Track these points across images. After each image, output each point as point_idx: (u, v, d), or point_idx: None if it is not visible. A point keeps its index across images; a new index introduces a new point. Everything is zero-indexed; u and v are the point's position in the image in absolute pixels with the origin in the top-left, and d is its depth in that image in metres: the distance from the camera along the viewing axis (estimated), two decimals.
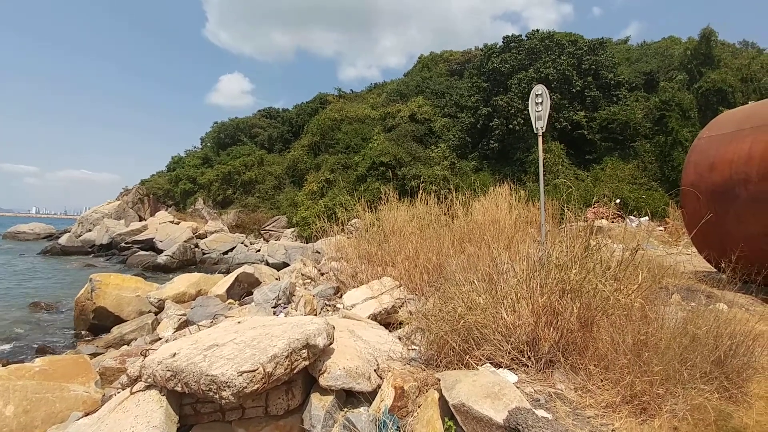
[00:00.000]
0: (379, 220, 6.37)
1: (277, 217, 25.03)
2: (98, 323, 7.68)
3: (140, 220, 27.86)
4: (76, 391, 4.09)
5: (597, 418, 2.06)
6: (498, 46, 25.21)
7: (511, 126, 21.19)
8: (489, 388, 2.09)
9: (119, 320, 7.57)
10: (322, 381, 2.50)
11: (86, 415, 3.35)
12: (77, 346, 6.94)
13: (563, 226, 3.62)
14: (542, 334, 2.57)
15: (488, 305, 2.70)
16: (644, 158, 20.43)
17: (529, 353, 2.57)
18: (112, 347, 6.33)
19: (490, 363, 2.56)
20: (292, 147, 30.90)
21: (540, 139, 5.46)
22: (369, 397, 2.54)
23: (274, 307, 5.17)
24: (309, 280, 6.87)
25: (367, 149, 23.98)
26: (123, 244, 22.59)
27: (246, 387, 2.17)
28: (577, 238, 3.00)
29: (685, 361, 2.19)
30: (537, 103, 5.38)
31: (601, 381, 2.28)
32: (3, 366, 4.68)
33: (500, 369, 2.50)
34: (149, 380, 2.57)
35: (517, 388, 2.23)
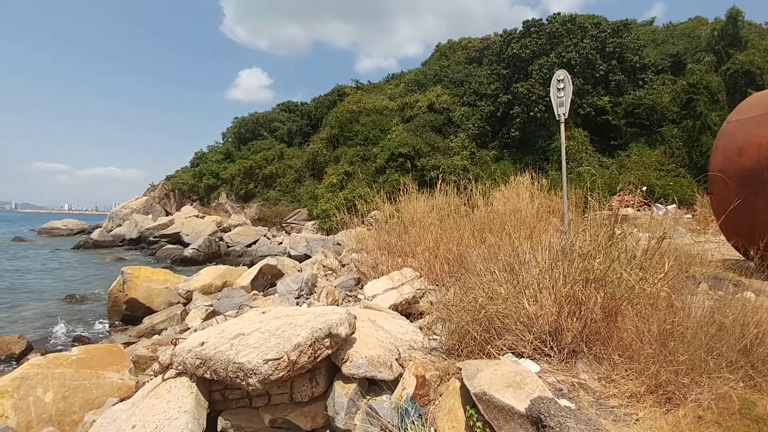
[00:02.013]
0: (399, 212, 6.37)
1: (298, 210, 25.36)
2: (130, 314, 8.02)
3: (167, 215, 28.75)
4: (111, 379, 4.27)
5: (621, 407, 2.04)
6: (518, 32, 24.53)
7: (532, 113, 20.68)
8: (511, 378, 2.08)
9: (150, 311, 7.89)
10: (345, 369, 2.54)
11: (121, 400, 3.51)
12: (111, 336, 7.28)
13: (587, 215, 3.54)
14: (565, 324, 2.55)
15: (509, 295, 2.69)
16: (671, 144, 19.64)
17: (551, 343, 2.55)
18: (144, 336, 6.60)
19: (511, 353, 2.56)
20: (311, 140, 31.14)
21: (562, 126, 5.33)
22: (391, 385, 2.57)
23: (297, 298, 5.28)
24: (330, 272, 6.97)
25: (386, 140, 23.91)
26: (151, 238, 23.42)
27: (271, 374, 2.24)
28: (602, 226, 2.94)
29: (711, 350, 2.15)
30: (559, 89, 5.24)
31: (626, 371, 2.25)
32: (42, 355, 4.93)
33: (522, 359, 2.49)
34: (180, 367, 2.67)
35: (540, 378, 2.21)
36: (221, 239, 21.52)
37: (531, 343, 2.53)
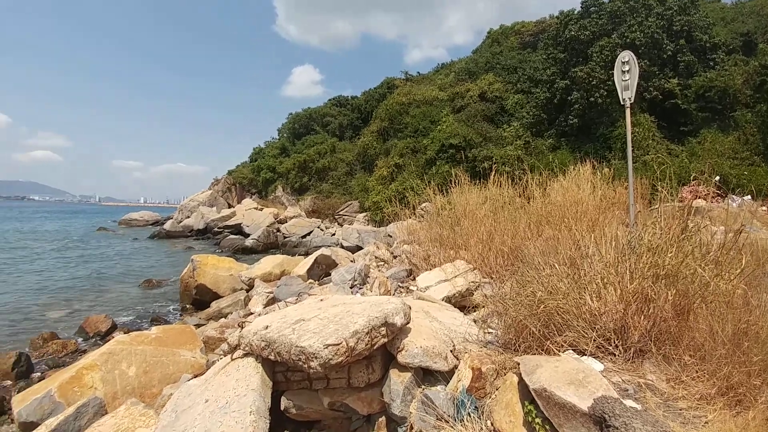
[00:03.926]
0: (450, 203, 6.31)
1: (349, 202, 25.88)
2: (199, 298, 8.68)
3: (229, 207, 30.60)
4: (185, 356, 4.63)
5: (690, 410, 1.94)
6: (576, 12, 22.95)
7: (592, 99, 19.33)
8: (573, 375, 2.02)
9: (216, 296, 8.50)
10: (400, 358, 2.60)
11: (195, 376, 3.82)
12: (183, 318, 7.94)
13: (655, 206, 3.32)
14: (632, 322, 2.41)
15: (570, 290, 2.58)
16: (745, 129, 17.55)
17: (616, 342, 2.43)
18: (212, 319, 7.13)
19: (572, 350, 2.47)
20: (361, 133, 31.50)
21: (628, 112, 4.96)
22: (445, 376, 2.59)
23: (351, 288, 5.43)
24: (382, 263, 7.08)
25: (436, 132, 23.59)
26: (216, 229, 25.10)
27: (331, 359, 2.35)
28: (673, 219, 2.74)
29: None
30: (623, 72, 4.87)
31: (696, 372, 2.12)
32: (125, 333, 5.48)
33: (584, 357, 2.39)
34: (246, 349, 2.87)
35: (603, 377, 2.13)
36: (278, 230, 22.56)
37: (594, 340, 2.43)
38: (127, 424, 2.86)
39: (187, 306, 8.83)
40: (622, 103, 4.93)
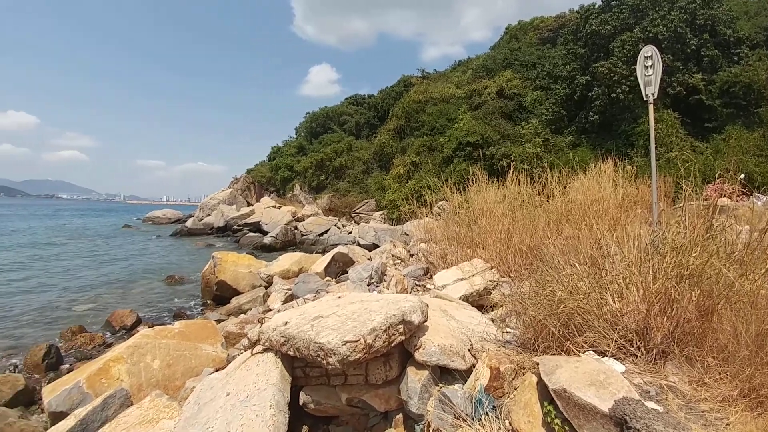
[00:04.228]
0: (468, 202, 6.27)
1: (366, 201, 25.96)
2: (220, 294, 8.87)
3: (248, 206, 31.11)
4: (206, 351, 4.74)
5: (711, 412, 1.92)
6: (596, 6, 22.39)
7: (614, 95, 18.83)
8: (593, 376, 1.99)
9: (236, 292, 8.67)
10: (418, 356, 2.60)
11: (216, 370, 3.92)
12: (205, 313, 8.13)
13: (679, 205, 3.24)
14: (654, 323, 2.37)
15: (591, 290, 2.54)
16: None
17: (638, 343, 2.39)
18: (232, 315, 7.28)
19: (593, 351, 2.43)
20: (378, 132, 31.52)
21: (651, 108, 4.84)
22: (463, 375, 2.59)
23: (368, 285, 5.46)
24: (399, 261, 7.09)
25: (453, 130, 23.40)
26: (235, 227, 25.56)
27: (349, 355, 2.37)
28: (698, 217, 2.67)
29: None
30: (646, 66, 4.75)
31: (719, 374, 2.08)
32: (150, 327, 5.65)
33: (605, 358, 2.36)
34: (266, 344, 2.93)
35: (625, 378, 2.09)
36: (296, 228, 22.82)
37: (615, 341, 2.39)
38: (151, 415, 2.95)
39: (208, 301, 9.03)
40: (645, 99, 4.81)
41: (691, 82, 18.22)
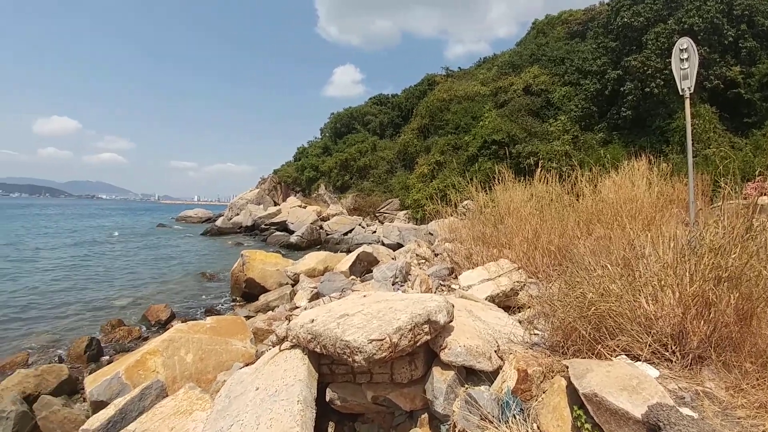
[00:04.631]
0: (494, 201, 6.17)
1: (390, 200, 26.01)
2: (248, 291, 9.12)
3: (275, 205, 31.77)
4: (236, 346, 4.87)
5: (748, 419, 1.85)
6: None
7: (647, 89, 18.10)
8: (626, 381, 1.93)
9: (264, 290, 8.88)
10: (443, 356, 2.60)
11: (246, 365, 4.04)
12: (234, 309, 8.38)
13: (717, 204, 3.09)
14: (691, 327, 2.27)
15: (624, 293, 2.46)
16: None
17: (673, 347, 2.30)
18: (260, 312, 7.46)
19: (625, 355, 2.36)
20: (402, 131, 31.54)
21: (687, 102, 4.62)
22: (490, 376, 2.56)
23: (392, 285, 5.48)
24: (423, 261, 7.07)
25: (478, 128, 23.09)
26: (263, 226, 26.18)
27: (375, 354, 2.39)
28: (737, 217, 2.54)
29: None
30: (682, 59, 4.54)
31: (757, 380, 2.00)
32: (183, 322, 5.87)
33: (638, 362, 2.28)
34: (294, 340, 2.99)
35: (659, 383, 2.02)
36: (321, 227, 23.14)
37: (649, 345, 2.31)
38: (185, 407, 3.07)
39: (237, 298, 9.30)
40: (680, 93, 4.61)
41: (728, 75, 17.35)
